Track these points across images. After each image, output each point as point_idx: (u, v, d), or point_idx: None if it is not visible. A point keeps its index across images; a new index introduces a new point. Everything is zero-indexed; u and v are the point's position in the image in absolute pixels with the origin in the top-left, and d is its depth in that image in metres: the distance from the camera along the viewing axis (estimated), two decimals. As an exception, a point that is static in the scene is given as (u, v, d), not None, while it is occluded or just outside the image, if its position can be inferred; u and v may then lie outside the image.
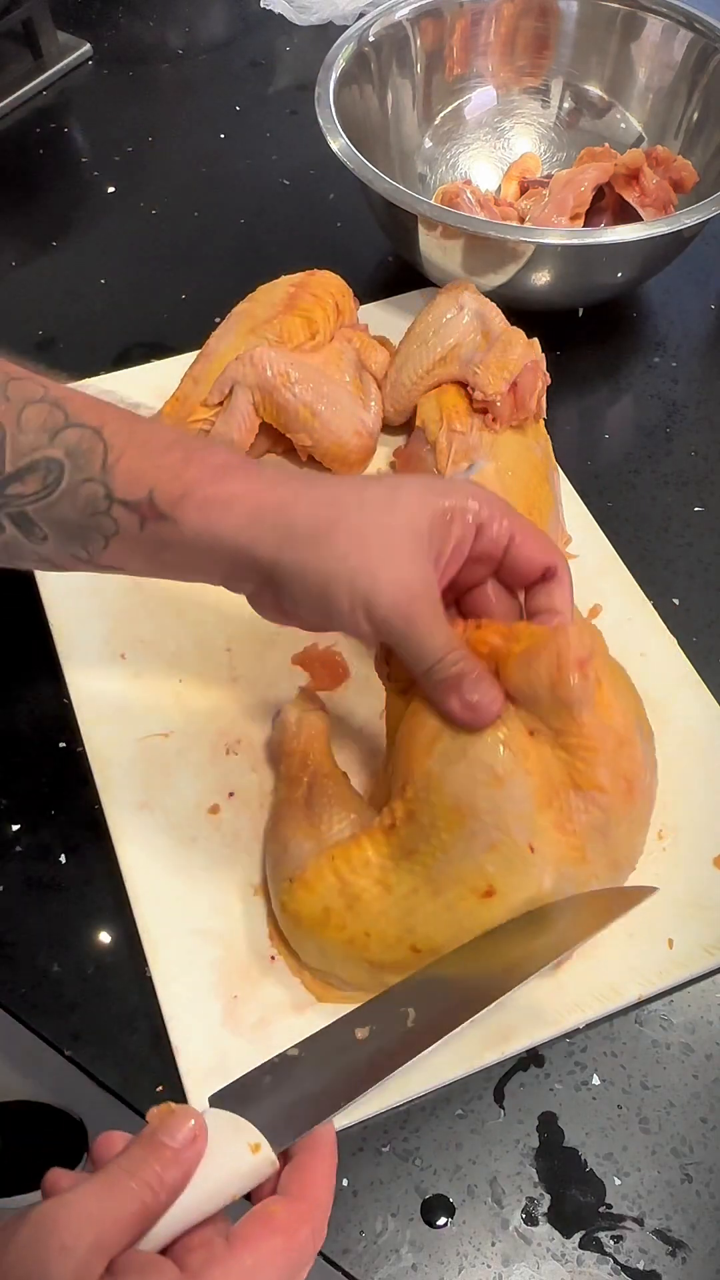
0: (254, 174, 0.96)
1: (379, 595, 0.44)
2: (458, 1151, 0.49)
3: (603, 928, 0.46)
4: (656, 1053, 0.51)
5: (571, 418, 0.77)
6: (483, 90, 0.91)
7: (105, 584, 0.64)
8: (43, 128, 1.00)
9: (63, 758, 0.60)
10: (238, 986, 0.51)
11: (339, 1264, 0.46)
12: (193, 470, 0.45)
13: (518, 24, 0.88)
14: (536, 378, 0.64)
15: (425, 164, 0.90)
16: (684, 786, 0.57)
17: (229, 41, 1.11)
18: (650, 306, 0.85)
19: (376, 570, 0.44)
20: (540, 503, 0.62)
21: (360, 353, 0.71)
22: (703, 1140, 0.49)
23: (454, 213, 0.72)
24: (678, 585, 0.68)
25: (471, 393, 0.65)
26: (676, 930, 0.53)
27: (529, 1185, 0.48)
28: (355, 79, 0.81)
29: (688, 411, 0.78)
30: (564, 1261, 0.47)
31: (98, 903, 0.55)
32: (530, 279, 0.73)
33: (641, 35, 0.85)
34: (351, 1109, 0.47)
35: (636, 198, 0.77)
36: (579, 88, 0.90)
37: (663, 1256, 0.47)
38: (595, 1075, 0.51)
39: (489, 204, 0.81)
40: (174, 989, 0.51)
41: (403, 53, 0.85)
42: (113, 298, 0.85)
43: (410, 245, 0.76)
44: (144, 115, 1.02)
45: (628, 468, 0.75)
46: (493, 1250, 0.47)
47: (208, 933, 0.53)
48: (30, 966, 0.53)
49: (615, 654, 0.62)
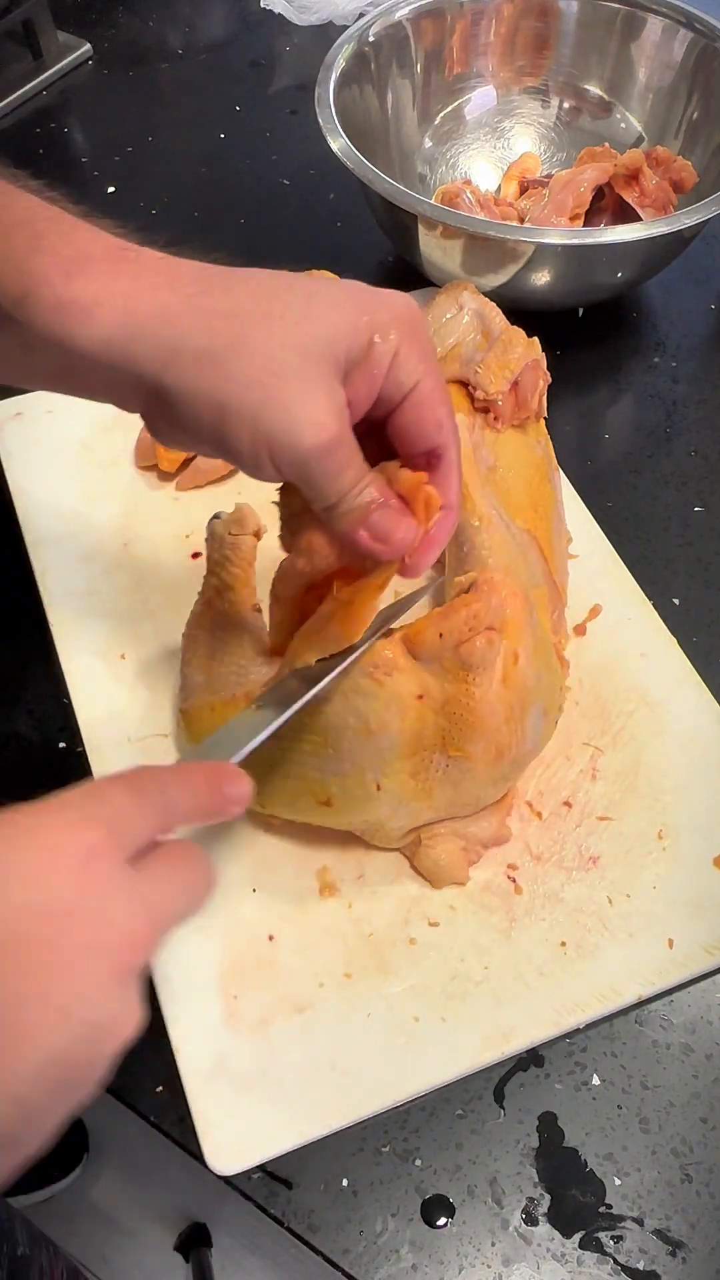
0: (254, 174, 0.96)
1: (293, 437, 0.37)
2: (458, 1151, 0.49)
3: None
4: (656, 1053, 0.51)
5: (571, 418, 0.77)
6: (483, 90, 0.91)
7: (105, 584, 0.65)
8: (43, 128, 1.00)
9: (63, 758, 0.60)
10: (238, 986, 0.51)
11: (339, 1264, 0.46)
12: (41, 261, 0.36)
13: (518, 24, 0.88)
14: (538, 377, 0.64)
15: (425, 164, 0.90)
16: (684, 786, 0.57)
17: (229, 41, 1.11)
18: (650, 306, 0.85)
19: (289, 406, 0.37)
20: (543, 502, 0.62)
21: (360, 353, 0.71)
22: (703, 1140, 0.49)
23: (454, 213, 0.72)
24: (678, 585, 0.68)
25: (473, 392, 0.65)
26: (676, 930, 0.53)
27: (529, 1185, 0.48)
28: (355, 79, 0.81)
29: (688, 411, 0.78)
30: (564, 1262, 0.47)
31: (98, 903, 0.55)
32: (530, 279, 0.73)
33: (641, 35, 0.85)
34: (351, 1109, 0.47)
35: (636, 198, 0.77)
36: (579, 88, 0.90)
37: (663, 1256, 0.47)
38: (595, 1075, 0.51)
39: (489, 204, 0.81)
40: (174, 989, 0.51)
41: (403, 53, 0.85)
42: (113, 298, 0.85)
43: (410, 245, 0.76)
44: (144, 115, 1.02)
45: (628, 468, 0.74)
46: (493, 1250, 0.47)
47: (208, 932, 0.53)
48: (30, 966, 0.53)
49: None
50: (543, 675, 0.49)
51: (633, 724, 0.60)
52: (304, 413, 0.37)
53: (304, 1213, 0.47)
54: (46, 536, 0.67)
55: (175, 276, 0.38)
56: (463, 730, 0.46)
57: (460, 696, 0.46)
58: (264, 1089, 0.48)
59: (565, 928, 0.53)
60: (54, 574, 0.65)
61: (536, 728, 0.49)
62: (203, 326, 0.37)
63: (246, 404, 0.37)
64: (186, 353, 0.37)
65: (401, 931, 0.53)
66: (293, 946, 0.52)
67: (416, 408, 0.40)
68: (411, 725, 0.46)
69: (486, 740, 0.47)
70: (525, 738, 0.48)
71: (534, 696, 0.48)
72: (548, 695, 0.49)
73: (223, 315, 0.37)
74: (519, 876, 0.55)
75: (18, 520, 0.68)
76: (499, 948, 0.52)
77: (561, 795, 0.57)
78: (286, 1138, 0.48)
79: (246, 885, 0.54)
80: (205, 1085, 0.49)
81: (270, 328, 0.37)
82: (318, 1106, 0.48)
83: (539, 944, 0.52)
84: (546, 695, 0.49)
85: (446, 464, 0.42)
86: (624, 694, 0.61)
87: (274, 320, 0.38)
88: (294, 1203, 0.47)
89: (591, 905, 0.54)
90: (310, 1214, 0.47)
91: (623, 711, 0.60)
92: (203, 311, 0.37)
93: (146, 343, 0.37)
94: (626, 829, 0.56)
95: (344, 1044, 0.50)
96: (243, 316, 0.38)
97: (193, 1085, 0.49)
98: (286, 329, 0.38)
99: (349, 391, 0.39)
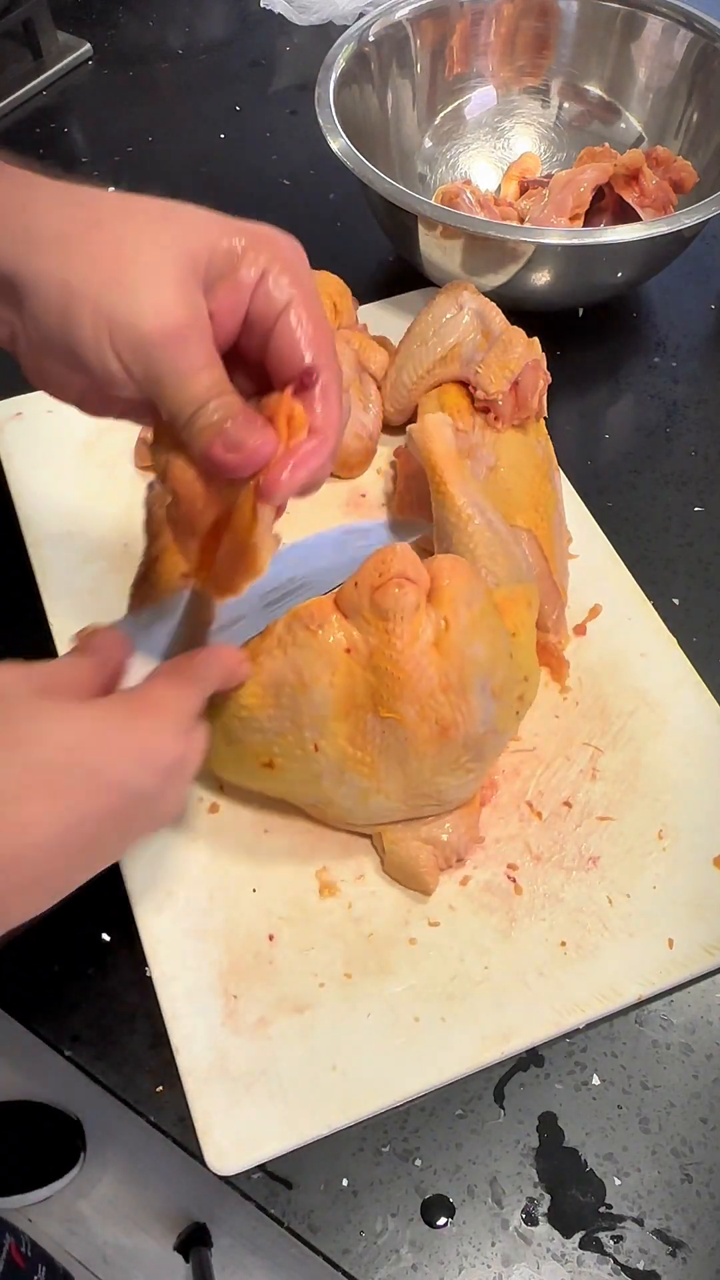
0: (254, 174, 0.96)
1: (134, 318, 0.36)
2: (458, 1151, 0.49)
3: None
4: (656, 1053, 0.51)
5: (571, 418, 0.77)
6: (483, 90, 0.91)
7: (105, 584, 0.64)
8: (43, 128, 1.00)
9: (63, 757, 0.60)
10: (238, 986, 0.51)
11: (339, 1264, 0.46)
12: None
13: (518, 24, 0.88)
14: (538, 377, 0.64)
15: (425, 164, 0.90)
16: (684, 786, 0.57)
17: (229, 41, 1.11)
18: (650, 306, 0.85)
19: (135, 285, 0.36)
20: (543, 501, 0.62)
21: (359, 354, 0.71)
22: (703, 1140, 0.49)
23: (454, 213, 0.72)
24: (678, 585, 0.68)
25: (473, 392, 0.65)
26: (676, 930, 0.53)
27: (529, 1185, 0.48)
28: (355, 79, 0.81)
29: (688, 411, 0.78)
30: (564, 1262, 0.47)
31: (98, 903, 0.55)
32: (530, 279, 0.73)
33: (641, 35, 0.85)
34: (351, 1109, 0.47)
35: (636, 198, 0.77)
36: (579, 88, 0.90)
37: (663, 1256, 0.47)
38: (595, 1075, 0.51)
39: (489, 204, 0.81)
40: (174, 989, 0.51)
41: (403, 53, 0.85)
42: (113, 297, 0.85)
43: (410, 245, 0.76)
44: (144, 115, 1.02)
45: (628, 468, 0.74)
46: (493, 1250, 0.47)
47: (208, 933, 0.53)
48: (30, 966, 0.53)
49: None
50: (495, 656, 0.49)
51: (633, 724, 0.60)
52: (148, 295, 0.36)
53: (304, 1213, 0.47)
54: (46, 536, 0.67)
55: (41, 182, 0.39)
56: (389, 685, 0.47)
57: (383, 648, 0.47)
58: (264, 1089, 0.48)
59: (565, 928, 0.53)
60: (54, 574, 0.65)
61: (486, 708, 0.49)
62: (60, 215, 0.37)
63: (91, 282, 0.36)
64: (41, 240, 0.37)
65: (401, 931, 0.53)
66: (293, 946, 0.52)
67: (288, 328, 0.40)
68: (342, 680, 0.48)
69: (420, 704, 0.47)
70: (473, 716, 0.48)
71: (477, 670, 0.48)
72: (498, 675, 0.49)
73: (81, 205, 0.38)
74: (519, 876, 0.55)
75: (18, 520, 0.68)
76: (499, 948, 0.52)
77: (561, 795, 0.57)
78: (286, 1138, 0.48)
79: (246, 885, 0.54)
80: (205, 1085, 0.49)
81: (129, 221, 0.37)
82: (318, 1106, 0.48)
83: (539, 944, 0.53)
84: (496, 675, 0.49)
85: (323, 388, 0.41)
86: (624, 694, 0.61)
87: (134, 215, 0.38)
88: (294, 1203, 0.47)
89: (591, 905, 0.54)
90: (310, 1214, 0.47)
91: (623, 711, 0.60)
92: (62, 203, 0.38)
93: (4, 232, 0.37)
94: (626, 829, 0.56)
95: (344, 1044, 0.50)
96: (100, 208, 0.38)
97: (193, 1085, 0.49)
98: (145, 223, 0.37)
99: (213, 304, 0.39)
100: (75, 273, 0.36)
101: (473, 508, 0.57)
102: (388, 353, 0.72)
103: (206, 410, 0.39)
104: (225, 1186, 0.48)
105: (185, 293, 0.37)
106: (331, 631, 0.47)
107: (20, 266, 0.36)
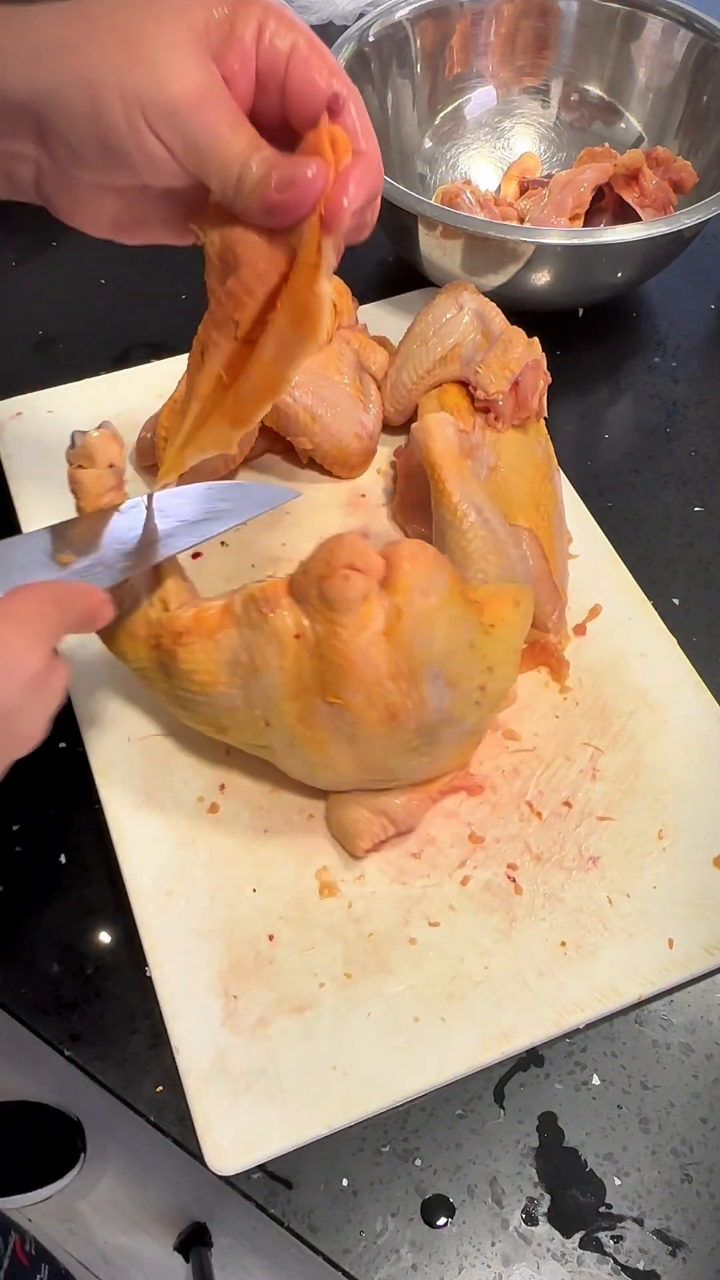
0: (254, 174, 0.96)
1: (159, 87, 0.37)
2: (458, 1151, 0.49)
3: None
4: (656, 1053, 0.51)
5: (571, 418, 0.77)
6: (483, 90, 0.91)
7: (105, 584, 0.64)
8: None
9: (63, 758, 0.60)
10: (238, 986, 0.51)
11: (339, 1264, 0.46)
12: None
13: (518, 24, 0.88)
14: (538, 377, 0.64)
15: (425, 164, 0.90)
16: (684, 786, 0.57)
17: (229, 41, 1.11)
18: (650, 306, 0.85)
19: (153, 61, 0.37)
20: (544, 501, 0.62)
21: (359, 354, 0.71)
22: (703, 1140, 0.49)
23: (454, 213, 0.72)
24: (678, 585, 0.68)
25: (474, 392, 0.65)
26: (676, 930, 0.53)
27: (529, 1185, 0.48)
28: (355, 79, 0.81)
29: (688, 411, 0.78)
30: (564, 1261, 0.47)
31: (98, 903, 0.55)
32: (530, 279, 0.73)
33: (641, 35, 0.85)
34: (351, 1109, 0.47)
35: (636, 198, 0.77)
36: (579, 88, 0.90)
37: (663, 1256, 0.47)
38: (595, 1075, 0.51)
39: (489, 204, 0.81)
40: (174, 989, 0.51)
41: (403, 53, 0.85)
42: (113, 298, 0.85)
43: (410, 245, 0.76)
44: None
45: (628, 468, 0.75)
46: (493, 1250, 0.47)
47: (208, 933, 0.53)
48: (30, 966, 0.53)
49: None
50: (451, 646, 0.49)
51: (633, 724, 0.60)
52: (168, 66, 0.38)
53: (304, 1213, 0.47)
54: (46, 536, 0.67)
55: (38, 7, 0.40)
56: (334, 674, 0.47)
57: (329, 638, 0.47)
58: (264, 1089, 0.48)
59: (565, 928, 0.53)
60: (54, 574, 0.65)
61: (440, 696, 0.49)
62: (56, 23, 0.39)
63: (112, 71, 0.37)
64: (51, 52, 0.38)
65: (401, 931, 0.53)
66: (293, 946, 0.52)
67: (302, 66, 0.40)
68: (291, 664, 0.48)
69: (366, 691, 0.47)
70: (425, 704, 0.48)
71: (428, 659, 0.48)
72: (453, 664, 0.49)
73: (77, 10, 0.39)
74: (519, 876, 0.55)
75: (18, 520, 0.68)
76: (499, 948, 0.52)
77: (561, 795, 0.57)
78: (286, 1138, 0.48)
79: (246, 885, 0.54)
80: (205, 1085, 0.49)
81: (121, 9, 0.39)
82: (317, 1106, 0.48)
83: (539, 944, 0.53)
84: (451, 664, 0.49)
85: (348, 111, 0.41)
86: (624, 694, 0.61)
87: (124, 5, 0.39)
88: (294, 1203, 0.47)
89: (591, 905, 0.54)
90: (310, 1214, 0.47)
91: (623, 711, 0.60)
92: (53, 12, 0.39)
93: (9, 57, 0.38)
94: (626, 829, 0.56)
95: (344, 1044, 0.50)
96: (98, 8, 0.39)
97: (192, 1085, 0.49)
98: (139, 8, 0.39)
99: (223, 69, 0.40)
100: (93, 68, 0.37)
101: (468, 505, 0.57)
102: (388, 353, 0.72)
103: (250, 168, 0.39)
104: (225, 1186, 0.48)
105: (200, 60, 0.38)
106: (282, 616, 0.48)
107: (38, 84, 0.38)
